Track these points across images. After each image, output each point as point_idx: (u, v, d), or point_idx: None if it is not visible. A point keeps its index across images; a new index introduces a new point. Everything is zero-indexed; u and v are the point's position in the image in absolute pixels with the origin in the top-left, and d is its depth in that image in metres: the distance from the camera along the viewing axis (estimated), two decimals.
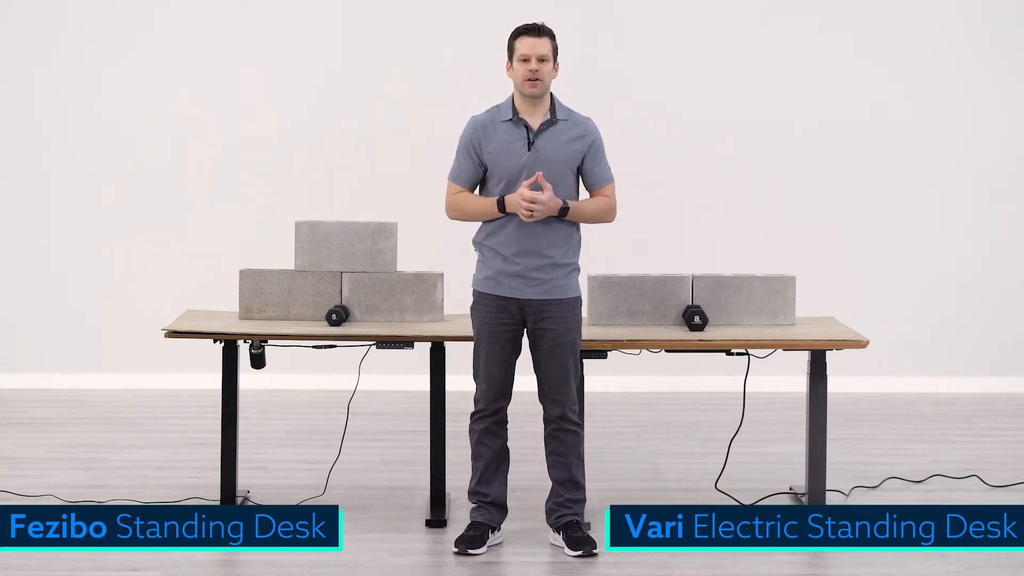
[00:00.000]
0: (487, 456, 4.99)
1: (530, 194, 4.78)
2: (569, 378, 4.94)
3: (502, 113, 4.93)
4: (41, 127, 7.91)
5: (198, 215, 7.93)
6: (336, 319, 5.34)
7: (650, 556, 4.81)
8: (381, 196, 7.76)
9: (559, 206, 4.83)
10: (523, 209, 4.78)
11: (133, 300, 7.92)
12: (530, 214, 4.79)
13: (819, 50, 7.95)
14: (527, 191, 4.78)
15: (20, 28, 7.89)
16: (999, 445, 6.67)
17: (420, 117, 7.86)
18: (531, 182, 4.80)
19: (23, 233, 7.95)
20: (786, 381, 7.26)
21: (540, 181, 4.79)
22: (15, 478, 5.83)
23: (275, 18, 7.91)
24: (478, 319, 4.97)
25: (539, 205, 4.77)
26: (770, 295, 5.46)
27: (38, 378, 7.91)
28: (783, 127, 7.97)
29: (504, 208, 4.84)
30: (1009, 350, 8.03)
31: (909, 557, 4.83)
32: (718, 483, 5.59)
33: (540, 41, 4.86)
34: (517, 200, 4.79)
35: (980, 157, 7.99)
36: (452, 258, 6.52)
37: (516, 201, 4.80)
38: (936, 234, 8.01)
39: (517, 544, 5.01)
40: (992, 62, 7.96)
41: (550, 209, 4.81)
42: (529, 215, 4.79)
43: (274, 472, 6.02)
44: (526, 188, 4.80)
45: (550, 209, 4.81)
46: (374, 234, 5.50)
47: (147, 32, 7.90)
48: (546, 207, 4.79)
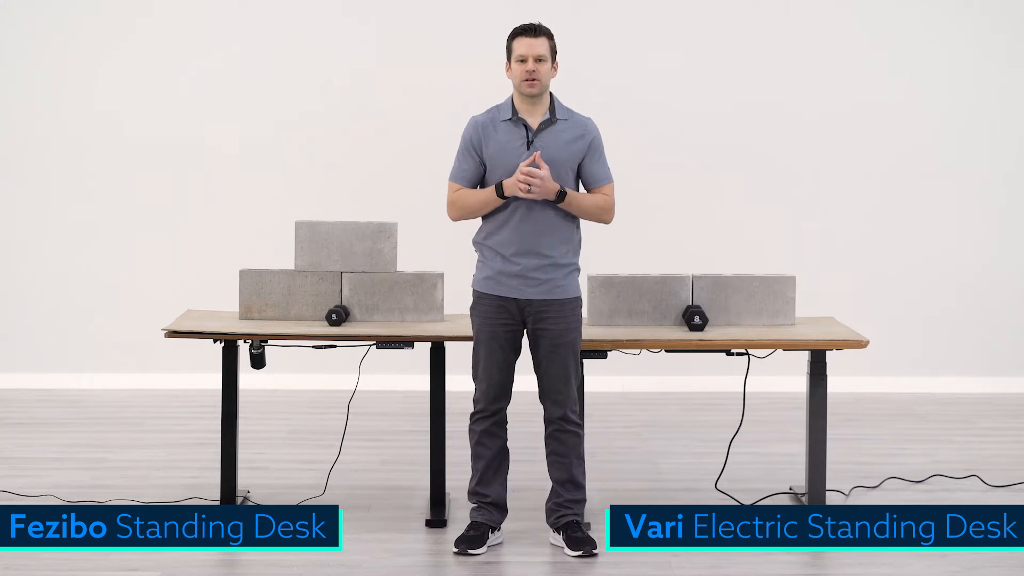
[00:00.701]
0: (487, 456, 4.99)
1: (528, 168, 4.75)
2: (569, 378, 4.94)
3: (502, 113, 4.93)
4: (40, 126, 7.91)
5: (198, 215, 7.94)
6: (336, 319, 5.34)
7: (650, 556, 4.81)
8: (381, 196, 7.76)
9: (556, 189, 4.80)
10: (521, 184, 4.76)
11: (133, 300, 7.92)
12: (528, 189, 4.76)
13: (819, 50, 7.95)
14: (525, 167, 4.76)
15: (18, 28, 7.88)
16: (999, 445, 6.67)
17: (420, 117, 7.86)
18: (529, 162, 4.77)
19: (23, 233, 7.95)
20: (786, 381, 7.26)
21: (537, 160, 4.77)
22: (15, 478, 5.83)
23: (275, 18, 7.91)
24: (478, 319, 4.96)
25: (537, 180, 4.74)
26: (770, 295, 5.46)
27: (38, 378, 7.91)
28: (783, 127, 7.97)
29: (503, 193, 4.83)
30: (1009, 350, 8.03)
31: (909, 557, 4.82)
32: (718, 483, 5.59)
33: (537, 41, 4.85)
34: (515, 180, 4.77)
35: (980, 157, 7.99)
36: (452, 258, 6.52)
37: (514, 181, 4.77)
38: (936, 234, 8.01)
39: (517, 544, 5.01)
40: (992, 62, 7.96)
41: (548, 188, 4.77)
42: (527, 190, 4.76)
43: (274, 472, 6.02)
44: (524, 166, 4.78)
45: (548, 188, 4.77)
46: (374, 234, 5.50)
47: (146, 31, 7.90)
48: (544, 184, 4.76)
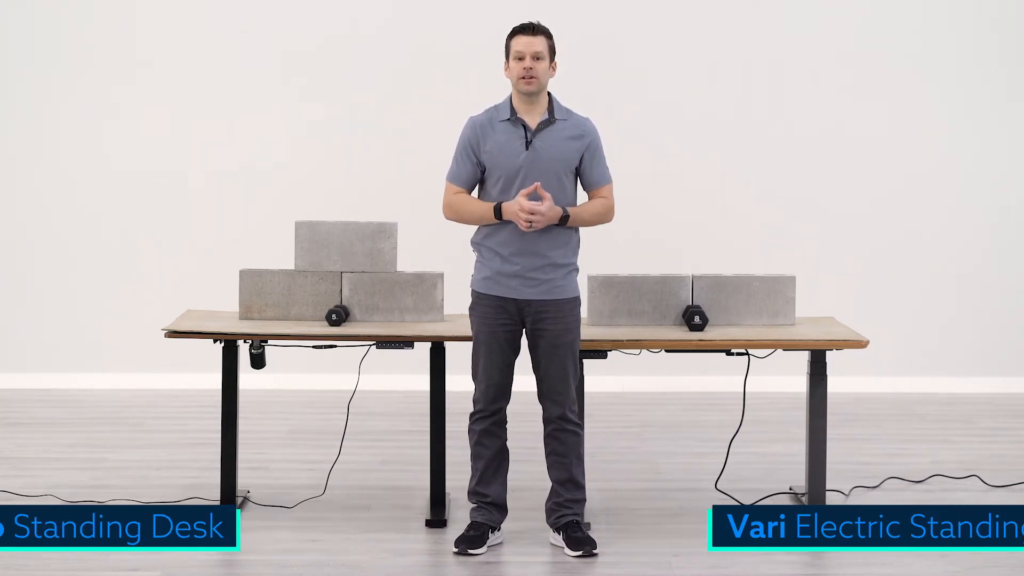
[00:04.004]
0: (487, 456, 4.99)
1: (529, 205, 4.75)
2: (568, 378, 4.94)
3: (500, 113, 4.93)
4: (41, 127, 7.91)
5: (198, 215, 7.93)
6: (336, 319, 5.34)
7: (650, 556, 4.81)
8: (381, 196, 7.76)
9: (559, 215, 4.81)
10: (522, 220, 4.77)
11: (133, 300, 7.92)
12: (529, 225, 4.77)
13: (819, 50, 7.95)
14: (526, 202, 4.75)
15: (20, 27, 7.88)
16: (999, 445, 6.67)
17: (420, 117, 7.85)
18: (529, 191, 4.77)
19: (23, 233, 7.95)
20: (786, 381, 7.25)
21: (539, 192, 4.78)
22: (15, 478, 5.82)
23: (276, 18, 7.91)
24: (477, 319, 4.96)
25: (538, 216, 4.76)
26: (770, 295, 5.46)
27: (38, 378, 7.90)
28: (784, 127, 7.96)
29: (500, 216, 4.84)
30: (1009, 350, 8.03)
31: (909, 557, 4.82)
32: (718, 483, 5.59)
33: (535, 39, 4.85)
34: (515, 210, 4.77)
35: (980, 157, 7.99)
36: (452, 258, 6.51)
37: (514, 211, 4.77)
38: (936, 234, 8.01)
39: (517, 544, 5.00)
40: (993, 62, 7.96)
41: (549, 219, 4.79)
42: (528, 226, 4.78)
43: (274, 472, 6.02)
44: (524, 198, 4.77)
45: (549, 219, 4.79)
46: (374, 234, 5.50)
47: (147, 31, 7.89)
48: (545, 217, 4.78)
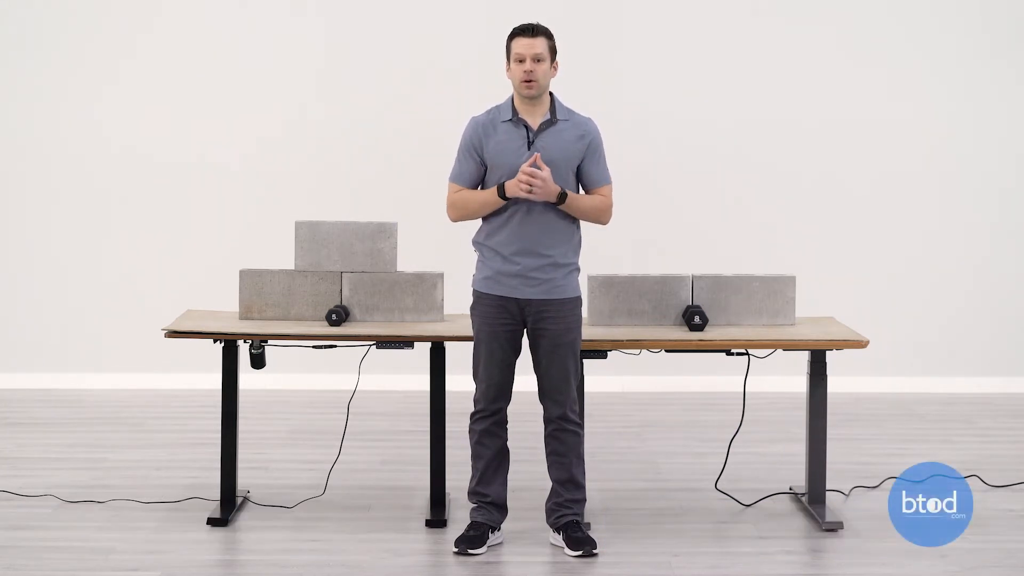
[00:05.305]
0: (487, 456, 4.98)
1: (530, 168, 4.75)
2: (569, 378, 4.93)
3: (502, 113, 4.93)
4: (41, 127, 7.90)
5: (198, 215, 7.93)
6: (336, 319, 5.34)
7: (650, 556, 4.81)
8: (381, 196, 7.76)
9: (558, 190, 4.81)
10: (522, 184, 4.77)
11: (133, 300, 7.92)
12: (529, 189, 4.76)
13: (819, 50, 7.94)
14: (526, 167, 4.76)
15: (21, 27, 7.89)
16: (999, 445, 6.66)
17: (420, 117, 7.85)
18: (530, 162, 4.78)
19: (23, 233, 7.94)
20: (786, 381, 7.25)
21: (538, 162, 4.77)
22: (15, 478, 5.82)
23: (275, 18, 7.91)
24: (478, 319, 4.96)
25: (538, 181, 4.75)
26: (770, 295, 5.46)
27: (38, 378, 7.90)
28: (783, 127, 7.96)
29: (505, 194, 4.83)
30: (1009, 350, 8.02)
31: (909, 557, 4.82)
32: (718, 483, 5.59)
33: (535, 41, 4.85)
34: (516, 182, 4.77)
35: (980, 157, 7.99)
36: (452, 258, 6.51)
37: (516, 183, 4.77)
38: (936, 234, 8.01)
39: (517, 544, 5.00)
40: (993, 62, 7.96)
41: (549, 189, 4.78)
42: (528, 190, 4.77)
43: (274, 472, 6.01)
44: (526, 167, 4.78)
45: (549, 189, 4.78)
46: (374, 234, 5.50)
47: (147, 32, 7.89)
48: (545, 184, 4.76)
